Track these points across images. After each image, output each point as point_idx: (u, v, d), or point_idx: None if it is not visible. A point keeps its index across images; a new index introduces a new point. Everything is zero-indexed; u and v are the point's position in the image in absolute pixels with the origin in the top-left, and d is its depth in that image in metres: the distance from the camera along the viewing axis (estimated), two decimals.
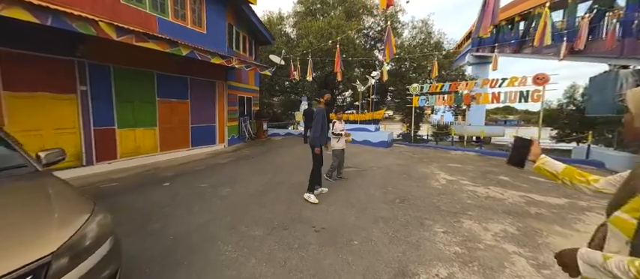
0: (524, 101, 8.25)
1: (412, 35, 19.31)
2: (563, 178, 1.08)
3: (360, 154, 8.00)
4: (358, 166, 6.35)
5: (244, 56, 9.52)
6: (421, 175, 5.48)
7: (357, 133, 9.99)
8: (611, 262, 0.60)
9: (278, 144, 9.85)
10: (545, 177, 1.15)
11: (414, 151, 8.99)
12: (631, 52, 6.23)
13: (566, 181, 1.07)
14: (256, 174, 5.47)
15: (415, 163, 6.78)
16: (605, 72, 7.45)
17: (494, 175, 5.69)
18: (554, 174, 1.10)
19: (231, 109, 9.16)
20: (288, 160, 6.88)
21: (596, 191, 0.99)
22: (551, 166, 1.12)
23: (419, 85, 10.84)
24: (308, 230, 2.92)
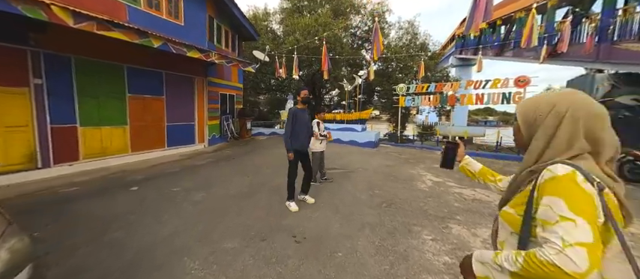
0: (506, 103, 8.41)
1: (399, 36, 19.49)
2: (479, 177, 1.19)
3: (347, 154, 7.83)
4: (345, 167, 6.16)
5: (226, 51, 9.06)
6: (407, 177, 5.36)
7: (344, 134, 9.83)
8: (500, 257, 0.66)
9: (262, 144, 9.49)
10: (467, 175, 1.26)
11: (400, 152, 8.94)
12: (606, 57, 6.44)
13: (481, 180, 1.18)
14: (236, 176, 5.12)
15: (402, 164, 6.69)
16: (581, 76, 7.73)
17: None
18: (473, 173, 1.21)
19: (212, 107, 8.69)
20: (271, 160, 6.57)
21: (500, 190, 1.08)
22: (472, 166, 1.23)
23: (405, 86, 10.82)
24: (288, 241, 2.66)
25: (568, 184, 0.61)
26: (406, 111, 22.19)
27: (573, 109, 0.66)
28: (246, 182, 4.74)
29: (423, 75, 10.30)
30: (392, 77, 17.57)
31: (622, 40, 6.35)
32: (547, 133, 0.69)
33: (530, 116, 0.72)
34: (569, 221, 0.57)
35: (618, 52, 6.45)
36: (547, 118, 0.68)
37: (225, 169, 5.72)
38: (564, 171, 0.62)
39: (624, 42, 6.38)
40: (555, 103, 0.68)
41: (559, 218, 0.59)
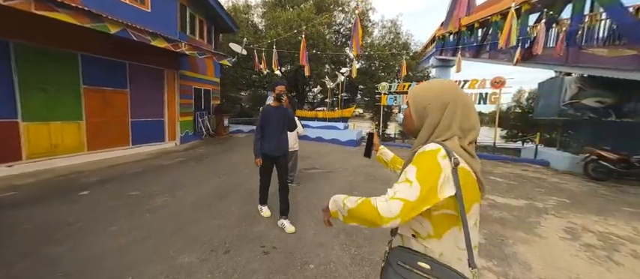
0: (483, 103, 8.64)
1: (382, 35, 19.61)
2: (391, 166, 1.30)
3: (328, 153, 7.64)
4: (324, 167, 5.96)
5: (200, 43, 8.48)
6: (387, 178, 5.26)
7: (326, 132, 9.63)
8: (348, 199, 0.80)
9: (239, 142, 9.04)
10: (381, 163, 1.36)
11: None
12: (574, 60, 6.73)
13: (392, 168, 1.30)
14: (207, 177, 4.73)
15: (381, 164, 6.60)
16: (551, 78, 8.10)
17: None
18: (386, 162, 1.33)
19: (185, 102, 8.11)
20: (248, 159, 6.21)
21: None
22: (385, 155, 1.34)
23: (387, 84, 10.83)
24: (255, 252, 2.40)
25: (428, 156, 0.70)
26: (388, 109, 22.61)
27: (455, 101, 0.74)
28: (218, 184, 4.38)
29: (405, 74, 10.33)
30: (375, 76, 17.66)
31: (588, 45, 6.67)
32: (434, 120, 0.77)
33: (421, 105, 0.78)
34: (408, 182, 0.68)
35: (585, 56, 6.77)
36: (435, 107, 0.76)
37: (196, 170, 5.29)
38: (432, 147, 0.71)
39: (590, 47, 6.71)
40: (441, 95, 0.75)
41: (404, 179, 0.69)
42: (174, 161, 5.93)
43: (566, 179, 5.95)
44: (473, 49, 16.06)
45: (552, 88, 7.55)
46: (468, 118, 0.76)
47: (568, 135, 7.50)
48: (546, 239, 2.90)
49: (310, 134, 9.89)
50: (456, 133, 0.74)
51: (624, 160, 5.85)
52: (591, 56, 6.72)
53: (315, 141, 9.77)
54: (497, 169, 6.65)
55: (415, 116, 0.81)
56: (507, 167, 7.06)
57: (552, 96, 7.49)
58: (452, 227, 0.72)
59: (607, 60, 6.31)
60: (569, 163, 6.87)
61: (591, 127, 7.06)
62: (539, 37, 6.03)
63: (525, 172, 6.57)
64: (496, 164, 7.45)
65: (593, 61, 6.64)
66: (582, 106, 6.98)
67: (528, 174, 6.28)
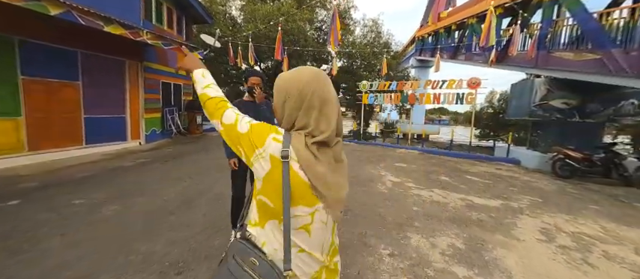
0: (459, 103, 8.82)
1: (363, 33, 19.63)
2: None
3: None
4: None
5: (168, 33, 7.81)
6: (368, 178, 5.10)
7: None
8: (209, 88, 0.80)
9: (213, 141, 8.49)
10: None
11: (363, 149, 8.80)
12: (543, 63, 7.00)
13: None
14: (171, 181, 4.26)
15: (363, 164, 6.46)
16: (523, 80, 8.45)
17: (436, 175, 5.71)
18: None
19: (151, 98, 7.43)
20: (220, 161, 5.78)
21: None
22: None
23: (368, 83, 10.76)
24: (214, 272, 2.07)
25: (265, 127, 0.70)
26: (370, 108, 22.77)
27: (312, 94, 0.69)
28: (182, 189, 3.94)
29: (385, 72, 10.31)
30: (356, 74, 17.65)
31: (556, 49, 6.98)
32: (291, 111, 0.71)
33: (283, 95, 0.73)
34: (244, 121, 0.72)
35: (553, 59, 7.07)
36: (295, 99, 0.70)
37: (159, 172, 4.78)
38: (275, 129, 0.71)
39: (558, 51, 7.02)
40: (302, 88, 0.69)
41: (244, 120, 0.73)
42: (135, 163, 5.34)
43: (536, 177, 6.18)
44: (450, 51, 16.51)
45: (523, 90, 7.85)
46: (327, 118, 0.68)
47: (537, 135, 7.86)
48: (524, 242, 2.85)
49: None
50: (308, 127, 0.68)
51: (587, 159, 6.18)
52: (559, 59, 7.03)
53: None
54: (474, 168, 6.77)
55: (279, 107, 0.74)
56: (482, 166, 7.23)
57: (523, 97, 7.79)
58: (273, 219, 0.68)
59: (573, 63, 6.61)
60: (539, 162, 7.17)
61: (558, 127, 7.42)
62: (514, 38, 6.18)
63: (499, 170, 6.74)
64: (472, 163, 7.61)
65: (560, 64, 6.94)
66: (550, 107, 7.31)
67: (502, 173, 6.45)
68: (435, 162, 7.30)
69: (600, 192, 5.21)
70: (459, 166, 7.01)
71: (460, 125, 56.89)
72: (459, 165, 7.14)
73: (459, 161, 7.73)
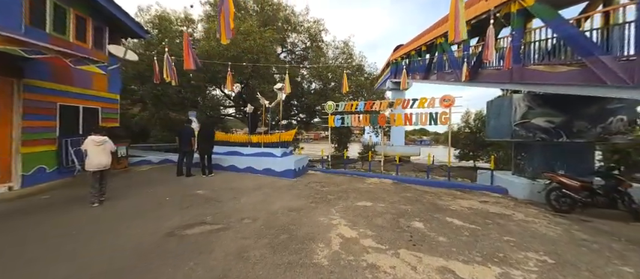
0: (433, 123, 7.78)
1: (335, 55, 19.18)
2: None
3: (248, 191, 5.72)
4: (227, 216, 4.03)
5: (79, 47, 6.26)
6: (309, 234, 3.54)
7: (259, 161, 7.76)
8: None
9: (137, 179, 6.65)
10: None
11: (325, 182, 7.29)
12: (518, 77, 6.18)
13: None
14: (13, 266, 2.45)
15: (315, 206, 4.91)
16: (499, 97, 7.62)
17: (408, 219, 4.26)
18: None
19: (38, 126, 5.63)
20: (132, 215, 4.02)
21: None
22: None
23: (334, 104, 9.61)
24: None
25: None
26: (347, 130, 21.74)
27: None
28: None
29: (346, 90, 9.22)
30: (330, 96, 16.76)
31: (532, 62, 6.20)
32: None
33: None
34: None
35: (529, 72, 6.25)
36: None
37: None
38: None
39: (534, 63, 6.26)
40: None
41: None
42: None
43: (532, 214, 4.92)
44: (422, 71, 16.17)
45: (501, 108, 6.94)
46: None
47: (522, 157, 6.82)
48: None
49: (238, 165, 7.90)
50: None
51: (587, 187, 5.08)
52: (534, 72, 6.24)
53: (243, 172, 7.78)
54: (456, 203, 5.43)
55: None
56: (465, 198, 5.94)
57: (502, 116, 6.85)
58: None
59: (551, 76, 5.79)
60: (529, 191, 6.02)
61: (544, 148, 6.44)
62: (488, 42, 5.30)
63: (485, 204, 5.46)
64: (453, 194, 6.32)
65: (537, 78, 6.12)
66: (533, 126, 6.37)
67: (489, 208, 5.15)
68: (410, 196, 5.91)
69: (616, 235, 3.97)
70: (438, 200, 5.66)
71: (441, 145, 57.76)
72: (438, 199, 5.80)
73: (437, 193, 6.41)
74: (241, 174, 7.63)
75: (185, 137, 6.86)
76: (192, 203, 4.71)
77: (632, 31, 4.04)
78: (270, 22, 15.88)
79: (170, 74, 6.51)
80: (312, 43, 19.50)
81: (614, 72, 4.07)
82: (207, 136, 7.23)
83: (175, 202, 4.79)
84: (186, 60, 5.55)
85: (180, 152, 6.96)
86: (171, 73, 6.53)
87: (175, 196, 5.17)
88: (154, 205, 4.61)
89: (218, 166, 7.86)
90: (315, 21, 18.90)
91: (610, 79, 4.14)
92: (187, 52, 5.51)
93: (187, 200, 4.89)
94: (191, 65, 5.61)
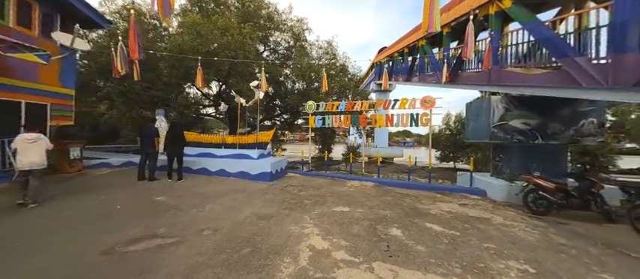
0: (414, 124, 7.66)
1: (319, 55, 18.90)
2: None
3: (216, 197, 5.23)
4: (184, 227, 3.54)
5: (20, 34, 5.48)
6: (276, 247, 3.15)
7: (233, 163, 7.25)
8: None
9: (90, 183, 5.92)
10: None
11: (303, 185, 6.92)
12: (496, 79, 6.15)
13: None
14: None
15: (288, 212, 4.52)
16: (478, 99, 7.64)
17: (386, 226, 3.99)
18: None
19: None
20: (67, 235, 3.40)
21: None
22: None
23: (314, 103, 9.28)
24: None
25: None
26: (331, 132, 21.53)
27: None
28: None
29: (325, 90, 8.94)
30: (312, 97, 16.43)
31: (509, 63, 6.22)
32: None
33: None
34: None
35: (507, 74, 6.26)
36: None
37: None
38: None
39: (511, 65, 6.28)
40: None
41: None
42: None
43: (510, 217, 4.84)
44: (404, 73, 16.26)
45: (480, 109, 6.94)
46: None
47: (500, 159, 6.84)
48: None
49: (210, 167, 7.33)
50: None
51: (562, 189, 5.09)
52: (511, 74, 6.27)
53: (215, 176, 7.23)
54: (435, 207, 5.27)
55: None
56: (445, 201, 5.81)
57: (481, 118, 6.84)
58: None
59: (528, 78, 5.82)
60: (507, 193, 6.00)
61: (520, 150, 6.48)
62: (468, 39, 5.20)
63: (465, 208, 5.34)
64: (433, 197, 6.19)
65: (514, 80, 6.14)
66: (510, 128, 6.39)
67: (469, 212, 5.02)
68: (389, 200, 5.68)
69: (592, 238, 3.93)
70: (418, 204, 5.47)
71: (423, 147, 59.19)
72: (418, 202, 5.61)
73: (418, 196, 6.25)
74: (212, 178, 7.07)
75: (147, 137, 6.22)
76: (147, 212, 4.17)
77: (605, 33, 4.04)
78: (252, 19, 15.33)
79: (124, 66, 5.85)
80: (295, 43, 19.12)
81: (589, 74, 4.06)
82: (176, 137, 6.62)
83: (128, 210, 4.22)
84: (133, 48, 4.91)
85: (142, 154, 6.30)
86: (126, 65, 5.87)
87: (130, 203, 4.58)
88: (101, 214, 4.01)
89: (188, 170, 7.25)
90: (299, 20, 18.56)
91: (585, 81, 4.12)
92: (133, 40, 4.88)
93: (142, 208, 4.33)
94: (138, 54, 4.98)
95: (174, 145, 6.51)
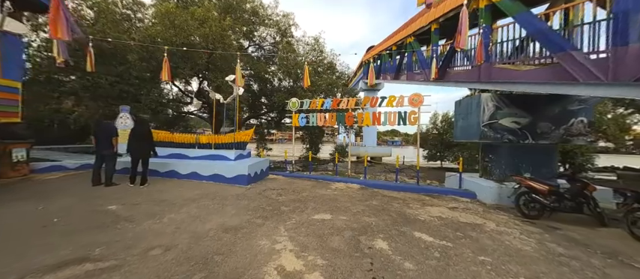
0: (402, 123, 7.29)
1: (306, 52, 18.34)
2: None
3: (184, 204, 4.60)
4: (129, 246, 2.92)
5: None
6: (237, 270, 2.61)
7: (206, 165, 6.59)
8: None
9: (32, 190, 5.11)
10: None
11: (284, 188, 6.39)
12: (486, 76, 5.84)
13: None
14: None
15: (261, 222, 3.98)
16: (467, 96, 7.38)
17: (371, 237, 3.54)
18: None
19: None
20: None
21: None
22: None
23: (298, 101, 8.74)
24: None
25: None
26: (320, 131, 21.03)
27: None
28: None
29: (308, 85, 8.42)
30: (299, 95, 15.87)
31: (500, 59, 5.95)
32: None
33: None
34: None
35: (497, 71, 5.99)
36: None
37: None
38: None
39: (500, 62, 6.02)
40: None
41: None
42: None
43: (503, 222, 4.52)
44: (392, 72, 16.01)
45: (470, 107, 6.65)
46: None
47: (489, 160, 6.59)
48: None
49: (181, 170, 6.64)
50: None
51: (555, 191, 4.83)
52: (502, 71, 6.01)
53: (186, 179, 6.56)
54: (424, 212, 4.88)
55: None
56: (434, 205, 5.45)
57: (471, 116, 6.56)
58: None
59: (519, 74, 5.55)
60: (497, 195, 5.72)
61: (510, 150, 6.25)
62: (462, 27, 4.85)
63: (455, 212, 4.99)
64: (422, 200, 5.82)
65: (504, 77, 5.87)
66: (500, 127, 6.13)
67: (460, 217, 4.66)
68: (376, 205, 5.25)
69: (590, 246, 3.65)
70: (406, 208, 5.07)
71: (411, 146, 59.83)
72: (406, 206, 5.22)
73: (406, 199, 5.87)
74: (183, 181, 6.40)
75: (103, 136, 5.47)
76: (90, 226, 3.50)
77: (604, 25, 3.76)
78: (235, 13, 14.57)
79: (62, 53, 5.07)
80: (281, 38, 18.45)
81: (587, 68, 3.77)
82: (142, 136, 5.88)
83: (66, 224, 3.53)
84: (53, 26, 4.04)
85: (97, 155, 5.53)
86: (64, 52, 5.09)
87: (72, 214, 3.89)
88: (30, 229, 3.32)
89: (155, 173, 6.53)
90: (285, 15, 17.92)
91: (582, 76, 3.84)
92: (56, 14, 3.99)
93: (85, 221, 3.66)
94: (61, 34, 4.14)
95: (138, 145, 5.78)
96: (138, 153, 5.82)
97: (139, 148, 5.82)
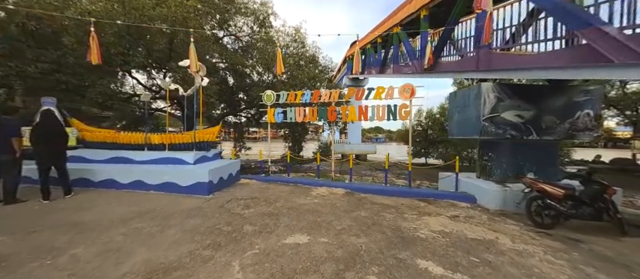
0: (392, 118, 6.41)
1: (286, 42, 17.10)
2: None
3: (108, 228, 3.35)
4: None
5: None
6: None
7: (156, 171, 5.29)
8: None
9: None
10: None
11: (254, 197, 5.27)
12: (486, 64, 5.15)
13: None
14: None
15: (209, 254, 2.86)
16: (465, 87, 6.63)
17: (360, 272, 2.55)
18: None
19: None
20: None
21: None
22: None
23: (274, 93, 7.60)
24: None
25: None
26: (302, 129, 19.86)
27: None
28: None
29: (281, 72, 7.33)
30: (278, 90, 14.65)
31: (498, 46, 5.22)
32: None
33: None
34: None
35: (497, 57, 5.25)
36: None
37: None
38: None
39: (501, 47, 5.28)
40: None
41: None
42: None
43: (516, 235, 3.74)
44: (378, 65, 15.25)
45: (468, 100, 5.89)
46: None
47: (489, 158, 5.87)
48: None
49: (121, 178, 5.28)
50: None
51: (571, 195, 4.13)
52: (504, 57, 5.28)
53: (128, 189, 5.22)
54: (422, 224, 4.00)
55: None
56: (432, 213, 4.61)
57: (469, 109, 5.79)
58: None
59: (527, 60, 4.82)
60: (502, 200, 4.98)
61: (510, 147, 5.56)
62: None
63: (458, 223, 4.17)
64: (417, 207, 4.97)
65: (507, 63, 5.15)
66: (502, 122, 5.40)
67: (465, 231, 3.83)
68: (364, 217, 4.29)
69: (628, 265, 2.92)
70: (401, 220, 4.16)
71: (394, 142, 60.35)
72: (401, 217, 4.31)
73: (399, 206, 4.98)
74: (122, 193, 5.06)
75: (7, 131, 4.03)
76: None
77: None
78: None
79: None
80: (260, 29, 17.02)
81: (626, 46, 3.01)
82: (51, 134, 4.43)
83: None
84: None
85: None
86: None
87: None
88: None
89: (87, 182, 5.14)
90: (263, 3, 16.51)
91: (619, 57, 3.08)
92: None
93: None
94: None
95: (47, 147, 4.35)
96: (47, 157, 4.38)
97: (49, 150, 4.38)
